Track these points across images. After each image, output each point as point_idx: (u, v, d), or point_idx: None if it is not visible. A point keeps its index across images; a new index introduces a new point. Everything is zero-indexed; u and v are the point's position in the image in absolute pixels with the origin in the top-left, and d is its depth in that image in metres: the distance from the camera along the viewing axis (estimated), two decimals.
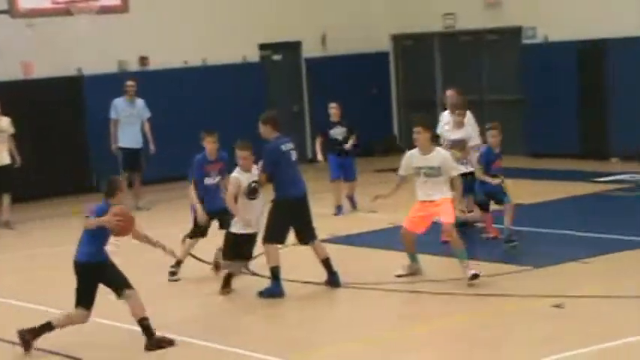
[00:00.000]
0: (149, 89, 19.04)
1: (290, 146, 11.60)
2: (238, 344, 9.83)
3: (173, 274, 12.45)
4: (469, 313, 10.53)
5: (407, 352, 9.46)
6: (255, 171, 11.47)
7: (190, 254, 12.74)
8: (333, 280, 11.66)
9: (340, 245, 13.65)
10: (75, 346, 10.00)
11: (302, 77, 22.93)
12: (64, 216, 17.46)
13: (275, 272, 11.41)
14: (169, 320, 10.60)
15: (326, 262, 11.68)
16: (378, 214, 15.13)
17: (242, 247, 11.44)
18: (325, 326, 10.56)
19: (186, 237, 12.61)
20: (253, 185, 11.38)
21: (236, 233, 11.42)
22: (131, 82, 18.35)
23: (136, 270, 10.94)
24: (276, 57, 22.74)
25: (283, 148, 11.53)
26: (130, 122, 18.18)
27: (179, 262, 12.42)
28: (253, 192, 11.37)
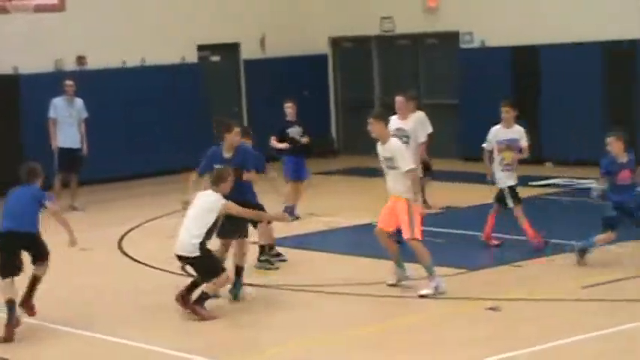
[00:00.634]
0: (86, 89, 18.88)
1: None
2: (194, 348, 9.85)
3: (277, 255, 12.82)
4: (405, 316, 10.63)
5: (346, 354, 9.54)
6: None
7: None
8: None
9: (292, 249, 13.56)
10: None
11: (241, 79, 22.93)
12: None
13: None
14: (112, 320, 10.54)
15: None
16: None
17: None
18: (272, 328, 10.56)
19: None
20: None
21: None
22: (70, 82, 18.19)
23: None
24: (215, 58, 22.71)
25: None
26: (69, 123, 18.02)
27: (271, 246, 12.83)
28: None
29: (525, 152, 13.27)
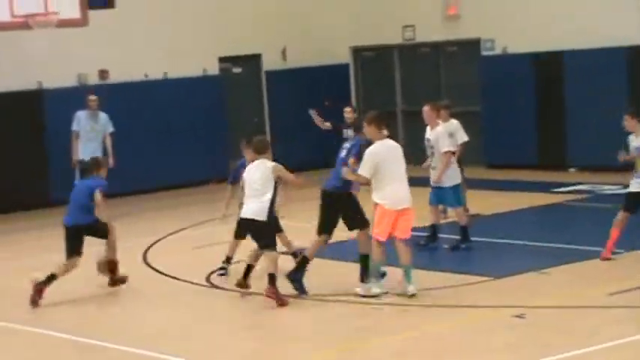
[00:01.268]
0: (109, 102, 18.98)
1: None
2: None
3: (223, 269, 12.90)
4: (429, 325, 10.60)
5: None
6: None
7: None
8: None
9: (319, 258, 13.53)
10: None
11: (262, 90, 22.96)
12: (21, 231, 17.38)
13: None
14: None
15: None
16: None
17: None
18: (299, 339, 10.56)
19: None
20: None
21: None
22: (93, 97, 18.31)
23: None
24: (237, 70, 22.76)
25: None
26: (91, 137, 18.11)
27: (228, 259, 12.88)
28: None
29: None
